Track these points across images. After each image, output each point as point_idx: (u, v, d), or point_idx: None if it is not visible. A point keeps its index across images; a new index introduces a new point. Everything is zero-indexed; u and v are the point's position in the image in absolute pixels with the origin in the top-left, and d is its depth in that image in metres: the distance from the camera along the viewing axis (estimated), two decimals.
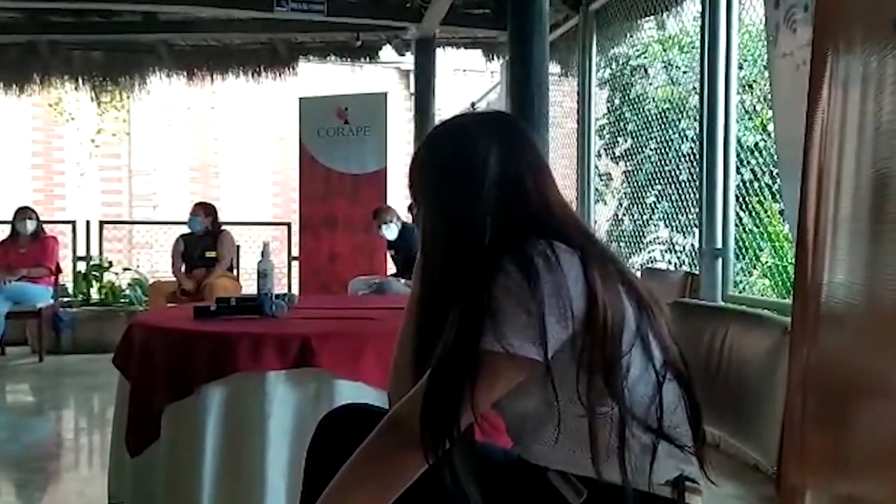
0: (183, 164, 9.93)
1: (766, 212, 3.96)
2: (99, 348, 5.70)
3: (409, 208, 5.92)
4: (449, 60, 7.78)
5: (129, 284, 7.09)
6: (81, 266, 6.98)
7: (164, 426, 2.11)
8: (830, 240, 0.98)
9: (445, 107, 8.38)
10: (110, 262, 7.23)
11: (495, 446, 1.38)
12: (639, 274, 4.27)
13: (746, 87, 4.94)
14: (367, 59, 7.19)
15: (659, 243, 5.57)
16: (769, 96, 5.11)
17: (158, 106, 9.07)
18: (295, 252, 6.93)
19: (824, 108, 1.03)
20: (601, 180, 6.32)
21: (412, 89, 9.58)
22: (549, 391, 1.11)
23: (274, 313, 2.30)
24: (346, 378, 1.97)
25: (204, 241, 5.83)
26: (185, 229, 5.96)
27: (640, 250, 5.65)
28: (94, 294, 6.89)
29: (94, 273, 6.95)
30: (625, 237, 5.90)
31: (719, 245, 3.65)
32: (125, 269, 7.52)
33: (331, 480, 1.16)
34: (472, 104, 8.03)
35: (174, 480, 2.08)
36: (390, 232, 5.50)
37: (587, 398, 1.10)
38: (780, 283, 3.80)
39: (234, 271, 6.12)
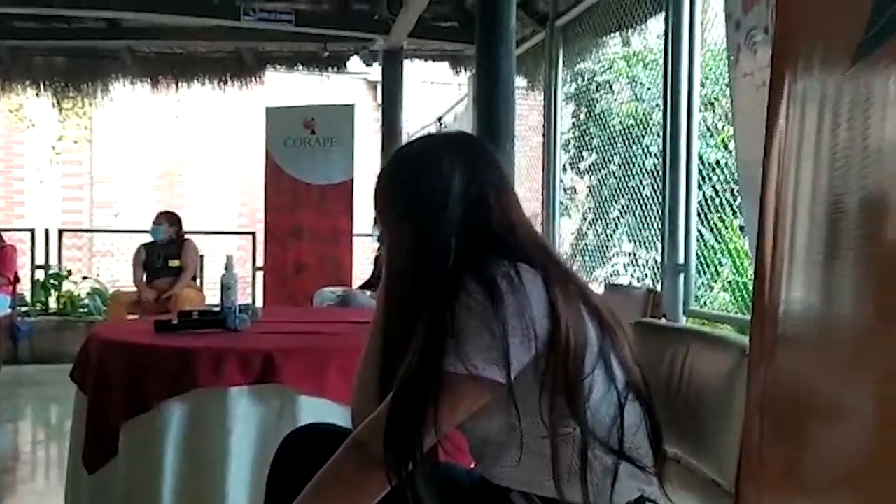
0: (146, 171, 9.81)
1: (726, 228, 4.02)
2: (57, 358, 5.60)
3: (375, 221, 5.91)
4: (416, 72, 7.80)
5: (89, 294, 6.97)
6: (40, 274, 6.84)
7: (122, 443, 2.06)
8: (787, 265, 0.99)
9: (413, 119, 8.40)
10: (69, 271, 7.10)
11: (458, 467, 1.38)
12: (602, 289, 4.31)
13: (708, 105, 5.03)
14: (335, 70, 7.19)
15: (622, 257, 5.62)
16: (731, 114, 5.21)
17: (122, 113, 8.96)
18: (260, 262, 6.87)
19: (782, 131, 1.05)
20: (566, 194, 6.37)
21: (379, 100, 9.58)
22: (512, 413, 1.12)
23: (237, 327, 2.28)
24: (310, 394, 1.96)
25: (167, 250, 5.75)
26: (148, 238, 5.87)
27: (604, 264, 5.69)
28: (53, 303, 6.76)
29: (52, 282, 6.82)
30: (589, 251, 5.95)
31: (681, 260, 3.70)
32: (84, 279, 7.39)
33: (293, 501, 1.16)
34: (440, 117, 8.05)
35: (132, 498, 2.04)
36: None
37: (549, 419, 1.11)
38: (740, 298, 3.86)
39: (198, 281, 6.05)
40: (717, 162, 4.80)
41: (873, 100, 0.80)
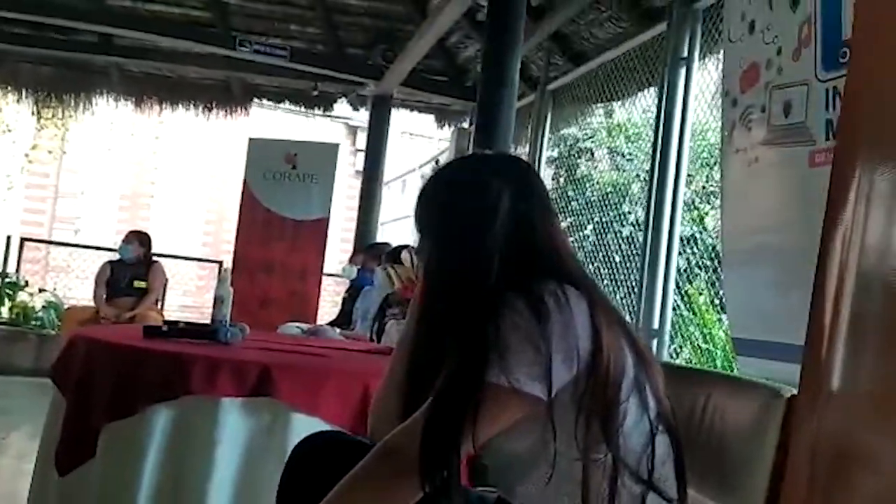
0: (114, 190, 9.67)
1: (700, 295, 4.12)
2: (6, 370, 5.40)
3: (351, 258, 5.90)
4: (398, 122, 7.90)
5: (44, 307, 6.78)
6: None
7: (100, 446, 2.00)
8: (844, 332, 1.02)
9: (389, 167, 8.46)
10: (27, 282, 6.92)
11: (471, 490, 1.38)
12: None
13: (686, 182, 5.18)
14: (322, 110, 7.24)
15: None
16: (707, 192, 5.37)
17: (99, 129, 8.87)
18: None
19: (849, 218, 1.07)
20: None
21: (357, 145, 9.66)
22: (549, 431, 1.12)
23: (228, 340, 2.25)
24: (304, 412, 1.93)
25: (134, 270, 5.64)
26: (108, 256, 5.76)
27: None
28: (5, 313, 6.56)
29: (7, 291, 6.63)
30: None
31: (656, 326, 3.76)
32: (41, 290, 7.20)
33: None
34: (420, 166, 8.14)
35: (105, 503, 1.97)
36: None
37: (584, 443, 1.11)
38: (707, 362, 3.96)
39: (160, 304, 5.94)
40: (692, 237, 4.94)
41: None
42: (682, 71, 3.85)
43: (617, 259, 4.95)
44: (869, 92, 1.04)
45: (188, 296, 9.23)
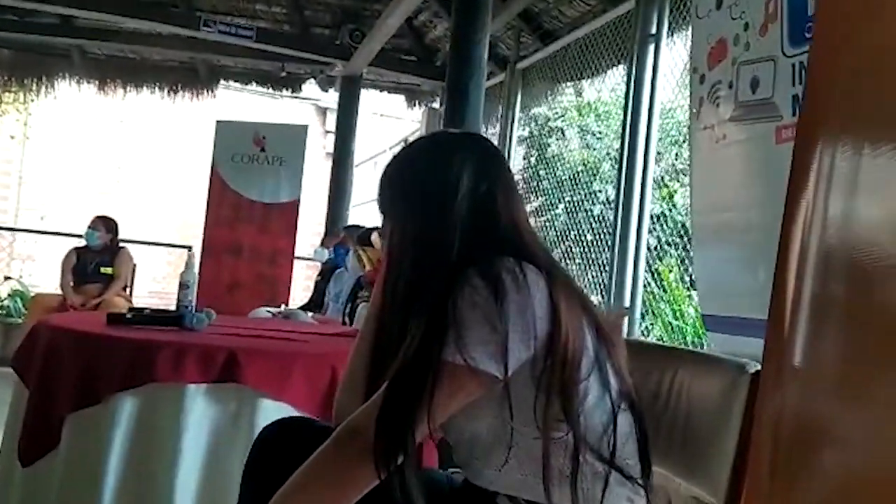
0: (80, 175, 9.50)
1: (670, 273, 4.15)
2: None
3: (322, 241, 5.85)
4: (368, 102, 7.83)
5: (10, 295, 6.66)
6: None
7: (65, 435, 1.97)
8: (806, 309, 1.02)
9: (360, 148, 8.39)
10: None
11: (438, 471, 1.37)
12: None
13: (655, 159, 5.19)
14: (290, 92, 7.15)
15: None
16: (677, 169, 5.39)
17: (62, 113, 8.69)
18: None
19: (811, 195, 1.07)
20: None
21: (327, 127, 9.57)
22: (506, 410, 1.12)
23: (194, 326, 2.22)
24: (271, 397, 1.91)
25: (101, 256, 5.55)
26: (75, 242, 5.66)
27: None
28: None
29: None
30: None
31: (627, 304, 3.78)
32: (7, 279, 7.07)
33: (272, 493, 1.12)
34: (391, 148, 8.08)
35: (71, 494, 1.94)
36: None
37: (543, 421, 1.11)
38: (678, 340, 3.99)
39: (128, 291, 5.85)
40: (662, 214, 4.97)
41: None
42: (651, 48, 3.85)
43: (589, 238, 4.96)
44: (831, 68, 1.03)
45: (157, 282, 9.12)
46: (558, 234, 5.71)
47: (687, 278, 4.13)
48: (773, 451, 0.96)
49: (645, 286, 4.21)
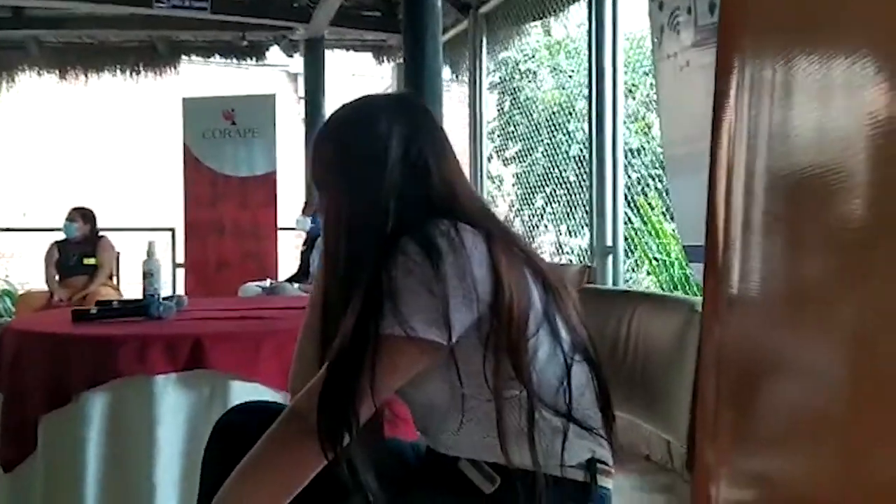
0: (54, 168, 9.39)
1: (652, 209, 4.10)
2: None
3: (303, 210, 5.79)
4: (340, 63, 7.69)
5: None
6: None
7: (41, 438, 1.95)
8: (741, 232, 0.99)
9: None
10: None
11: (403, 441, 1.35)
12: None
13: (629, 92, 5.12)
14: (254, 60, 7.02)
15: (549, 245, 5.68)
16: (651, 100, 5.32)
17: (27, 106, 8.55)
18: (180, 259, 6.65)
19: (732, 111, 1.04)
20: (493, 183, 6.40)
21: (301, 92, 9.43)
22: (454, 376, 1.09)
23: (161, 315, 2.18)
24: (242, 379, 1.88)
25: (82, 247, 5.51)
26: (59, 235, 5.61)
27: None
28: None
29: None
30: None
31: (610, 243, 3.74)
32: None
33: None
34: None
35: (54, 495, 1.93)
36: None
37: (494, 382, 1.08)
38: (666, 277, 3.94)
39: (115, 279, 5.82)
40: (640, 147, 4.90)
41: (828, 82, 0.81)
42: None
43: (571, 179, 4.91)
44: None
45: None
46: (539, 178, 5.66)
47: (670, 211, 4.09)
48: (717, 385, 0.94)
49: (629, 222, 4.18)
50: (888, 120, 0.61)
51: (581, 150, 4.67)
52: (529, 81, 5.84)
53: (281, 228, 6.31)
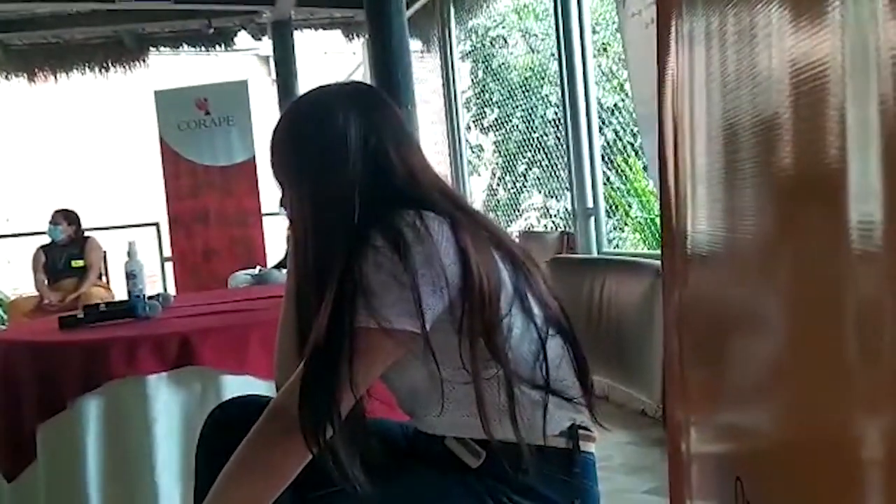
0: (33, 171, 9.32)
1: (630, 169, 4.12)
2: None
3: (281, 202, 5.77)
4: (310, 43, 7.62)
5: None
6: None
7: (39, 446, 1.97)
8: (690, 190, 1.02)
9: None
10: None
11: (391, 422, 1.37)
12: (516, 238, 4.35)
13: (602, 51, 5.10)
14: (223, 47, 6.94)
15: (534, 209, 5.70)
16: (623, 57, 5.31)
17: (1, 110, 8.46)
18: (167, 252, 6.64)
19: (673, 65, 1.07)
20: (473, 153, 6.40)
21: (275, 75, 9.33)
22: (431, 362, 1.11)
23: (147, 314, 2.19)
24: (232, 373, 1.90)
25: (69, 250, 5.49)
26: (44, 239, 5.60)
27: (517, 218, 5.76)
28: None
29: None
30: (501, 206, 6.00)
31: (590, 204, 3.76)
32: None
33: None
34: None
35: (57, 502, 1.96)
36: None
37: (471, 365, 1.10)
38: (649, 235, 3.97)
39: (105, 278, 5.82)
40: (616, 106, 4.90)
41: (756, 31, 0.81)
42: None
43: (550, 143, 4.91)
44: None
45: None
46: (519, 144, 5.66)
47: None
48: (679, 344, 0.96)
49: (609, 183, 4.19)
50: (808, 65, 0.63)
51: (556, 114, 4.68)
52: (501, 48, 5.81)
53: (265, 214, 6.30)
